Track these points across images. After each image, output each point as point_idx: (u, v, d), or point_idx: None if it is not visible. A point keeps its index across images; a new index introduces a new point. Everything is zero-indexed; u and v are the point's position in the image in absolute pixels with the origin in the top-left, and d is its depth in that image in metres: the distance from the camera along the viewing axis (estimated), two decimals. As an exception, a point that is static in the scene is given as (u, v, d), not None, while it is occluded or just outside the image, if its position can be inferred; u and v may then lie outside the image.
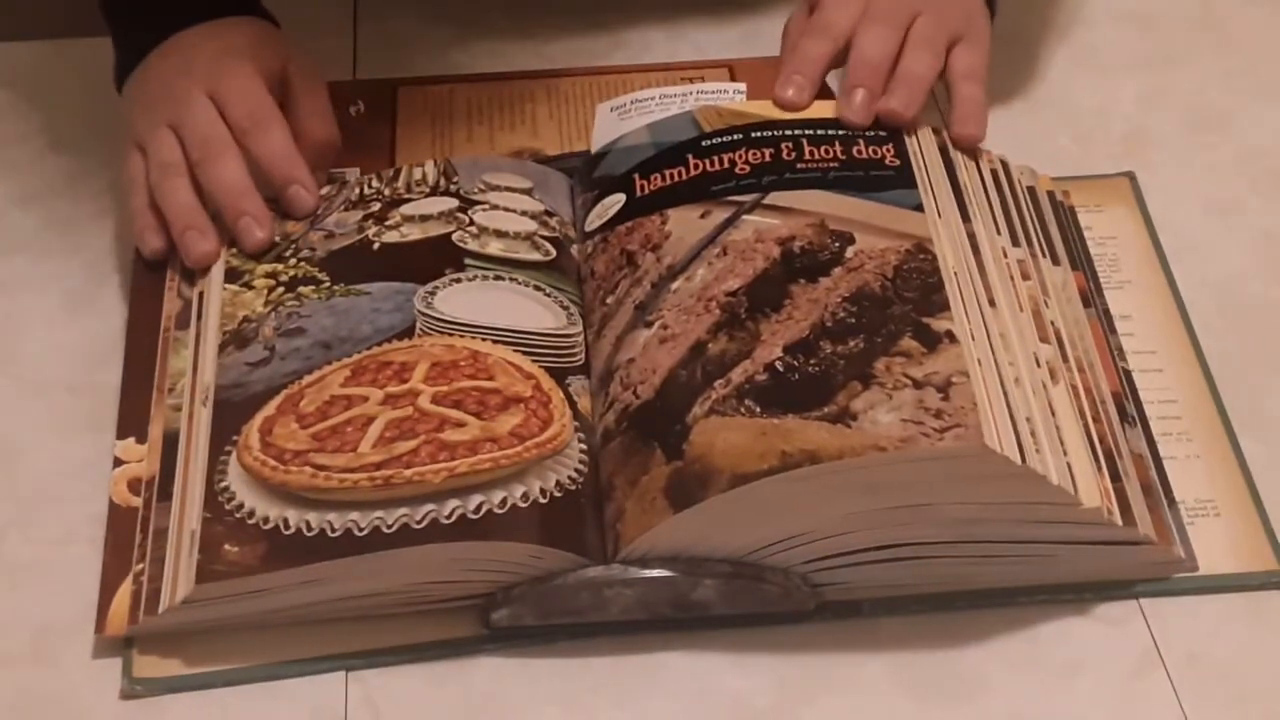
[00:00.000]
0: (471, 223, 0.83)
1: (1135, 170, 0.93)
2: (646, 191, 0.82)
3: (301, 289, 0.80)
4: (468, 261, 0.81)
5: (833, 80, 0.88)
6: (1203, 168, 0.94)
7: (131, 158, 0.86)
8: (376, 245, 0.82)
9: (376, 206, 0.84)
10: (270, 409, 0.75)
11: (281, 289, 0.81)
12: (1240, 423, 0.80)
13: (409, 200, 0.84)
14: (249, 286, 0.81)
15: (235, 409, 0.76)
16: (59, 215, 0.92)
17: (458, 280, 0.80)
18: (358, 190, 0.86)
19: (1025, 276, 0.79)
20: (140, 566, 0.74)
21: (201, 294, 0.82)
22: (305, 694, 0.72)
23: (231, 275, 0.82)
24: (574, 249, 0.83)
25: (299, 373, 0.77)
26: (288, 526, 0.71)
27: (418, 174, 0.86)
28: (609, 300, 0.79)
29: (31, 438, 0.81)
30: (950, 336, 0.73)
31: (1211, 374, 0.82)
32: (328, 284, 0.81)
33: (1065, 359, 0.77)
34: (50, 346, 0.86)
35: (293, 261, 0.82)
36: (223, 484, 0.73)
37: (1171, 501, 0.76)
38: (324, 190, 0.86)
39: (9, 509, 0.79)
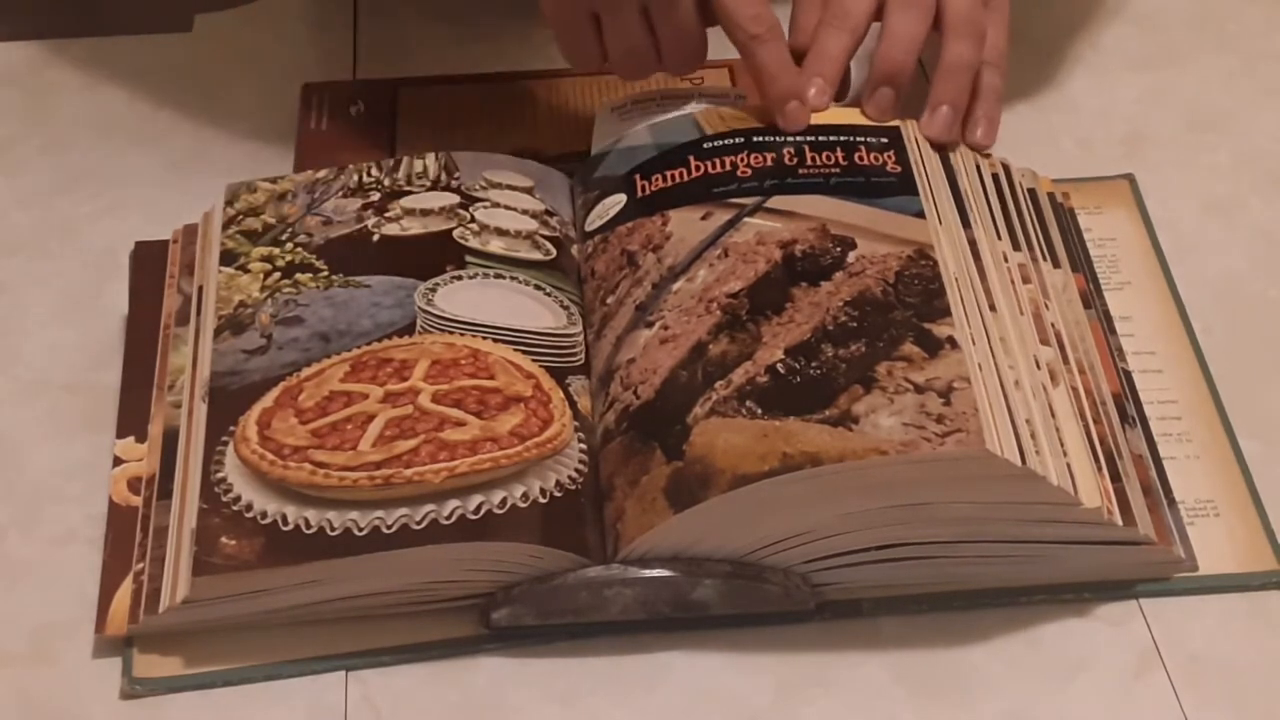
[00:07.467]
0: (473, 220, 0.83)
1: (1135, 171, 0.93)
2: (647, 192, 0.82)
3: (299, 276, 0.80)
4: (469, 259, 0.81)
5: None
6: (1203, 168, 0.94)
7: (582, 31, 0.84)
8: (376, 237, 0.82)
9: (376, 196, 0.84)
10: (268, 401, 0.75)
11: (278, 274, 0.81)
12: (1240, 423, 0.80)
13: (409, 193, 0.84)
14: (244, 270, 0.81)
15: (232, 398, 0.76)
16: (59, 215, 0.92)
17: (459, 278, 0.80)
18: (356, 177, 0.85)
19: (1026, 280, 0.79)
20: (140, 565, 0.74)
21: (201, 289, 0.82)
22: (305, 694, 0.72)
23: (227, 258, 0.82)
24: (574, 249, 0.83)
25: (297, 364, 0.77)
26: (286, 522, 0.71)
27: (418, 166, 0.86)
28: (609, 300, 0.79)
29: (31, 437, 0.81)
30: (951, 342, 0.73)
31: (1211, 374, 0.82)
32: (326, 273, 0.81)
33: (1066, 361, 0.77)
34: (50, 346, 0.86)
35: (289, 246, 0.82)
36: (219, 474, 0.73)
37: (1171, 502, 0.76)
38: (321, 174, 0.86)
39: (9, 509, 0.79)
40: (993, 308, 0.76)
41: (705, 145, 0.83)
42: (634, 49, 0.83)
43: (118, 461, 0.78)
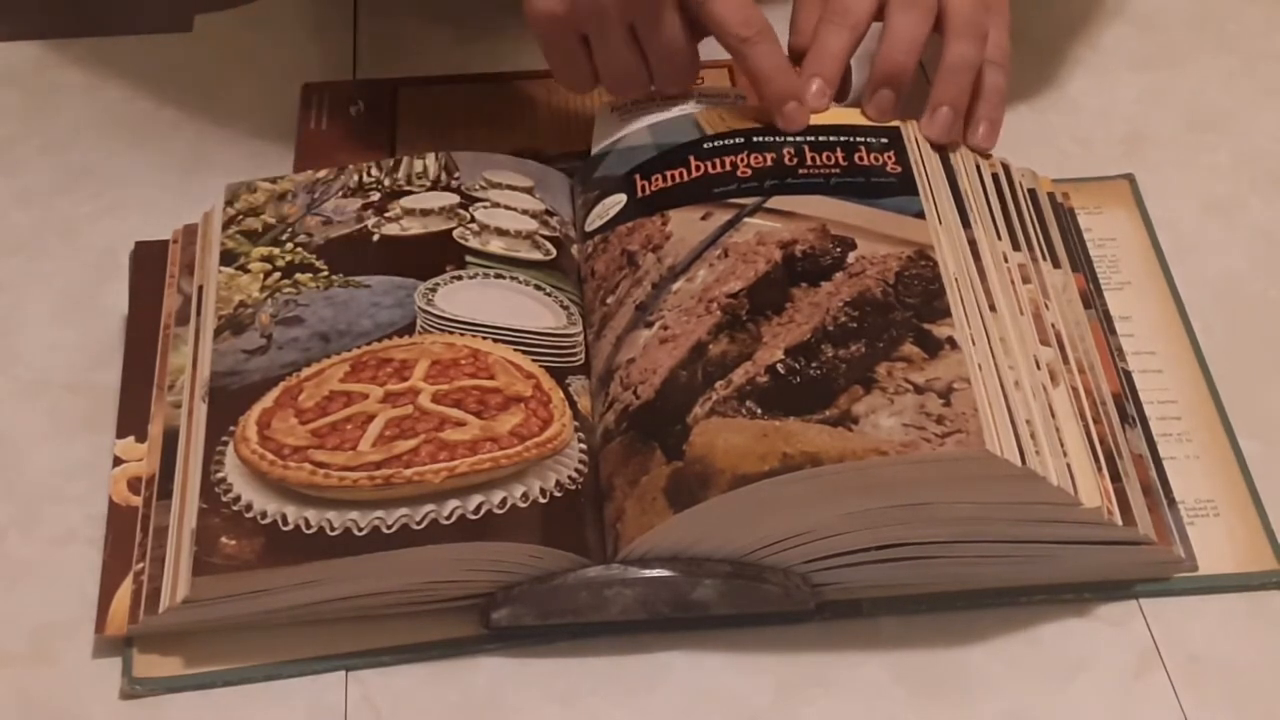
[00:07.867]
0: (473, 220, 0.83)
1: (1135, 171, 0.93)
2: (647, 192, 0.82)
3: (299, 276, 0.80)
4: (469, 259, 0.81)
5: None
6: (1203, 168, 0.94)
7: (572, 53, 0.83)
8: (376, 237, 0.82)
9: (376, 196, 0.84)
10: (268, 401, 0.75)
11: (278, 274, 0.81)
12: (1240, 423, 0.80)
13: (409, 193, 0.84)
14: (244, 270, 0.81)
15: (232, 398, 0.76)
16: (59, 215, 0.92)
17: (459, 278, 0.80)
18: (356, 177, 0.85)
19: (1026, 280, 0.79)
20: (140, 565, 0.74)
21: (201, 288, 0.82)
22: (305, 694, 0.72)
23: (227, 258, 0.82)
24: (574, 249, 0.83)
25: (297, 364, 0.77)
26: (286, 522, 0.71)
27: (419, 166, 0.86)
28: (609, 300, 0.79)
29: (31, 437, 0.81)
30: (951, 343, 0.73)
31: (1211, 374, 0.82)
32: (326, 273, 0.81)
33: (1066, 361, 0.77)
34: (50, 346, 0.86)
35: (289, 246, 0.82)
36: (219, 475, 0.73)
37: (1171, 501, 0.76)
38: (321, 174, 0.86)
39: (9, 509, 0.79)
40: (993, 308, 0.76)
41: (705, 145, 0.83)
42: (624, 69, 0.83)
43: (118, 461, 0.78)
